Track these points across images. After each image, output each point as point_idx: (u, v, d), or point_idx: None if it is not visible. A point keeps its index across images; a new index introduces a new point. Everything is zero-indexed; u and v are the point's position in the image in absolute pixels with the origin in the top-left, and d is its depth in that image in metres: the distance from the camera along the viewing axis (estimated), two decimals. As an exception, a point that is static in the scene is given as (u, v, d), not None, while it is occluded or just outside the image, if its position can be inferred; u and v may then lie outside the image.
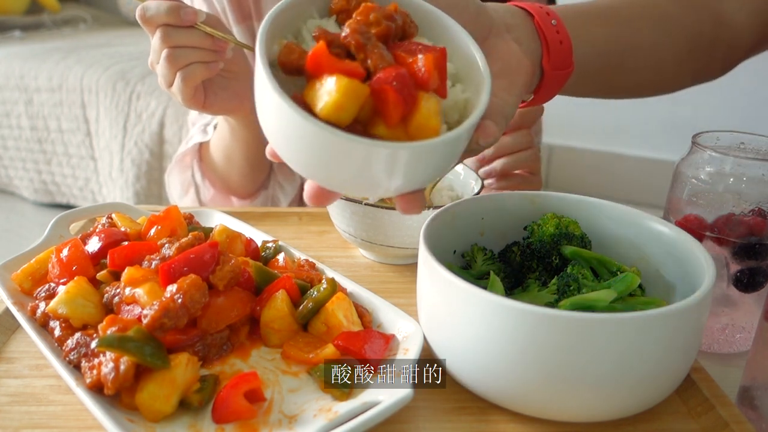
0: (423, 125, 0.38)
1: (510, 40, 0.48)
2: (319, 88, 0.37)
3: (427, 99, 0.38)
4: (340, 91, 0.36)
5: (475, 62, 0.43)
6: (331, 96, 0.36)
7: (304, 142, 0.37)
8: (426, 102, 0.38)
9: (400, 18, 0.41)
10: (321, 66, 0.37)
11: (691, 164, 0.55)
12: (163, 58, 0.66)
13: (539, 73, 0.51)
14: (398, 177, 0.39)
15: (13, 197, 2.55)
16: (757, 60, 0.71)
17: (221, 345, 0.48)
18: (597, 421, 0.43)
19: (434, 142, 0.38)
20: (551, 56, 0.51)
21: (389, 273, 0.66)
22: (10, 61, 2.39)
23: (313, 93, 0.37)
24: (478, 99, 0.42)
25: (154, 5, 0.65)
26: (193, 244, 0.51)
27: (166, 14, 0.64)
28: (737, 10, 0.64)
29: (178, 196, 0.95)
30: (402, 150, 0.37)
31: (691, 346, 0.43)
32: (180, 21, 0.65)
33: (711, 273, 0.43)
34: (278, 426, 0.42)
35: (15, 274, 0.55)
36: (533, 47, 0.50)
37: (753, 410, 0.47)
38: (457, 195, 0.71)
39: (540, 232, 0.53)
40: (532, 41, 0.50)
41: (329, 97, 0.36)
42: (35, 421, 0.43)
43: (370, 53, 0.38)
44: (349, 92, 0.36)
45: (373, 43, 0.39)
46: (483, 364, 0.42)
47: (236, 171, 0.89)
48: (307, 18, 0.43)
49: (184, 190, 0.94)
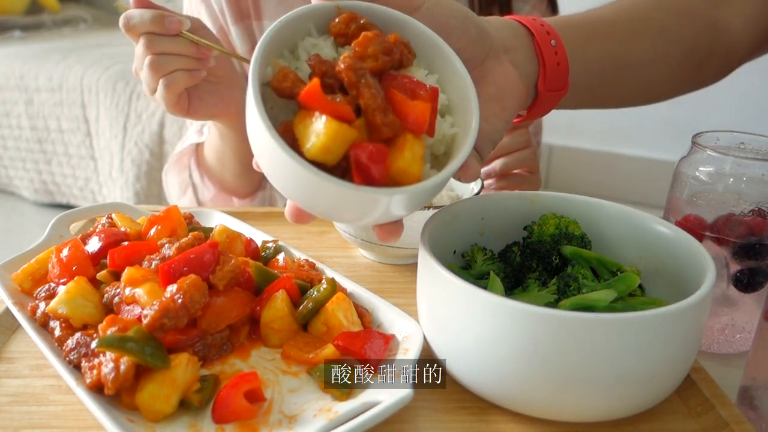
0: (404, 171, 0.39)
1: (507, 62, 0.48)
2: (308, 125, 0.38)
3: (410, 146, 0.39)
4: (328, 135, 0.37)
5: (467, 96, 0.43)
6: (319, 138, 0.37)
7: (287, 175, 0.38)
8: (409, 150, 0.39)
9: (398, 51, 0.41)
10: (313, 103, 0.38)
11: (691, 164, 0.55)
12: (146, 65, 0.66)
13: (533, 93, 0.52)
14: (375, 216, 0.41)
15: (13, 197, 2.55)
16: (757, 60, 0.71)
17: (221, 345, 0.48)
18: (597, 421, 0.43)
19: (412, 189, 0.39)
20: (547, 78, 0.51)
21: (389, 273, 0.66)
22: (10, 61, 2.39)
23: (303, 127, 0.38)
24: (465, 138, 0.42)
25: (138, 14, 0.65)
26: (193, 244, 0.51)
27: (150, 23, 0.64)
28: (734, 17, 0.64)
29: (177, 196, 0.95)
30: (380, 195, 0.38)
31: (691, 346, 0.43)
32: (165, 30, 0.64)
33: (711, 273, 0.44)
34: (278, 426, 0.42)
35: (15, 274, 0.55)
36: (530, 69, 0.50)
37: (753, 410, 0.47)
38: (457, 195, 0.71)
39: (540, 232, 0.53)
40: (529, 63, 0.50)
41: (317, 139, 0.37)
42: (35, 421, 0.43)
43: (362, 93, 0.39)
44: (337, 137, 0.37)
45: (366, 81, 0.39)
46: (483, 364, 0.42)
47: (229, 172, 0.89)
48: (304, 35, 0.43)
49: (182, 190, 0.94)
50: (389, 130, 0.38)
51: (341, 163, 0.38)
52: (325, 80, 0.39)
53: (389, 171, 0.39)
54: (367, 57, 0.40)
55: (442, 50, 0.44)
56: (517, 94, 0.48)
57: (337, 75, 0.39)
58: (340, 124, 0.37)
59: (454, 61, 0.44)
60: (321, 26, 0.43)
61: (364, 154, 0.37)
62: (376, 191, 0.38)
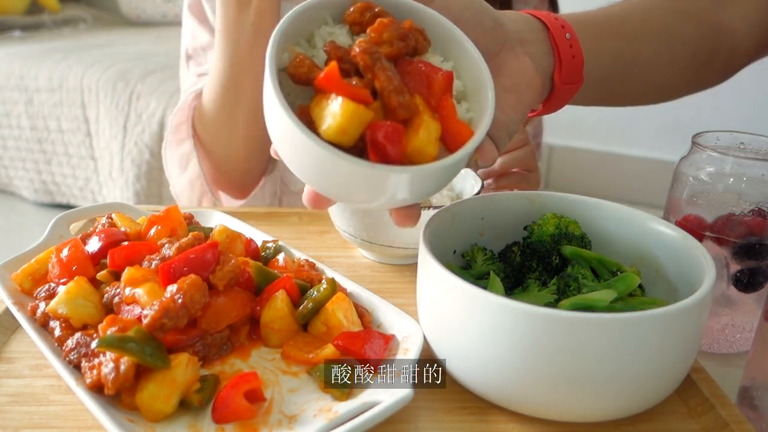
0: (419, 150, 0.39)
1: (523, 55, 0.48)
2: (324, 107, 0.38)
3: (426, 126, 0.39)
4: (344, 116, 0.37)
5: (482, 82, 0.43)
6: (335, 119, 0.37)
7: (304, 156, 0.39)
8: (425, 129, 0.39)
9: (413, 37, 0.41)
10: (330, 86, 0.38)
11: (691, 164, 0.55)
12: None
13: (549, 86, 0.52)
14: (391, 196, 0.40)
15: (13, 197, 2.55)
16: (757, 61, 0.71)
17: (221, 345, 0.48)
18: (597, 421, 0.43)
19: (426, 168, 0.39)
20: (563, 71, 0.51)
21: (389, 273, 0.66)
22: (10, 61, 2.39)
23: (319, 110, 0.39)
24: (481, 120, 0.42)
25: None
26: (193, 244, 0.51)
27: None
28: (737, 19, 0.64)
29: (177, 174, 0.88)
30: (393, 173, 0.38)
31: (691, 346, 0.43)
32: None
33: (711, 273, 0.44)
34: (278, 426, 0.42)
35: (15, 274, 0.55)
36: (546, 62, 0.50)
37: (753, 410, 0.47)
38: (457, 195, 0.71)
39: (540, 232, 0.53)
40: (545, 56, 0.50)
41: (333, 120, 0.37)
42: (35, 421, 0.43)
43: (378, 75, 0.39)
44: (354, 118, 0.37)
45: (381, 64, 0.39)
46: (483, 364, 0.42)
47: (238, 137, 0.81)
48: (321, 23, 0.43)
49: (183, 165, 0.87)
50: (405, 111, 0.39)
51: (357, 145, 0.38)
52: (341, 65, 0.39)
53: (405, 151, 0.39)
54: (382, 42, 0.40)
55: (457, 38, 0.44)
56: (533, 86, 0.48)
57: (352, 59, 0.40)
58: (357, 105, 0.37)
59: (469, 48, 0.44)
60: (336, 16, 0.44)
61: (379, 133, 0.38)
62: (389, 168, 0.38)
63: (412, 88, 0.40)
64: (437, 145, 0.40)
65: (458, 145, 0.40)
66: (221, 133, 0.84)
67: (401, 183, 0.39)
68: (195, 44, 0.91)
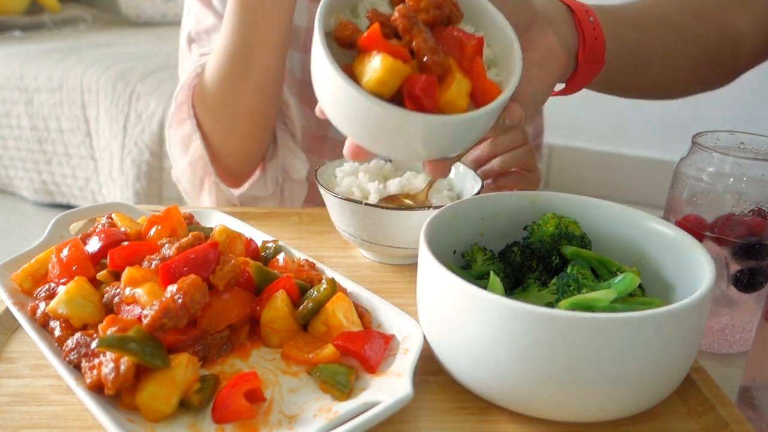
0: (451, 102, 0.43)
1: (550, 33, 0.52)
2: (366, 63, 0.43)
3: (458, 82, 0.43)
4: (384, 69, 0.42)
5: (511, 50, 0.48)
6: (376, 72, 0.42)
7: (348, 106, 0.43)
8: (457, 84, 0.43)
9: (448, 7, 0.46)
10: (372, 44, 0.43)
11: (691, 164, 0.55)
12: None
13: (573, 65, 0.56)
14: (426, 144, 0.45)
15: (13, 197, 2.55)
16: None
17: (221, 345, 0.48)
18: (597, 421, 0.43)
19: (456, 117, 0.43)
20: (587, 50, 0.55)
21: (389, 273, 0.66)
22: (10, 61, 2.39)
23: (362, 67, 0.43)
24: (509, 82, 0.46)
25: None
26: (193, 244, 0.51)
27: None
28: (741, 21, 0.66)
29: (179, 156, 0.85)
30: (428, 121, 0.42)
31: (691, 346, 0.43)
32: None
33: (711, 273, 0.44)
34: (278, 426, 0.42)
35: (15, 274, 0.55)
36: (571, 42, 0.54)
37: (753, 410, 0.47)
38: (457, 195, 0.71)
39: (540, 232, 0.53)
40: (570, 36, 0.54)
41: (374, 73, 0.42)
42: (35, 421, 0.43)
43: (415, 36, 0.43)
44: (393, 71, 0.42)
45: (418, 27, 0.44)
46: (483, 363, 0.42)
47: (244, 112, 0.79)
48: None
49: (184, 147, 0.84)
50: (439, 68, 0.43)
51: (396, 98, 0.43)
52: (382, 30, 0.43)
53: (438, 103, 0.43)
54: (419, 10, 0.45)
55: (489, 11, 0.49)
56: (559, 61, 0.52)
57: (392, 24, 0.44)
58: (395, 59, 0.42)
59: (500, 20, 0.48)
60: None
61: (416, 86, 0.42)
62: (424, 116, 0.42)
63: (445, 51, 0.44)
64: (467, 100, 0.44)
65: (487, 102, 0.44)
66: (223, 110, 0.81)
67: (434, 129, 0.43)
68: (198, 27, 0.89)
